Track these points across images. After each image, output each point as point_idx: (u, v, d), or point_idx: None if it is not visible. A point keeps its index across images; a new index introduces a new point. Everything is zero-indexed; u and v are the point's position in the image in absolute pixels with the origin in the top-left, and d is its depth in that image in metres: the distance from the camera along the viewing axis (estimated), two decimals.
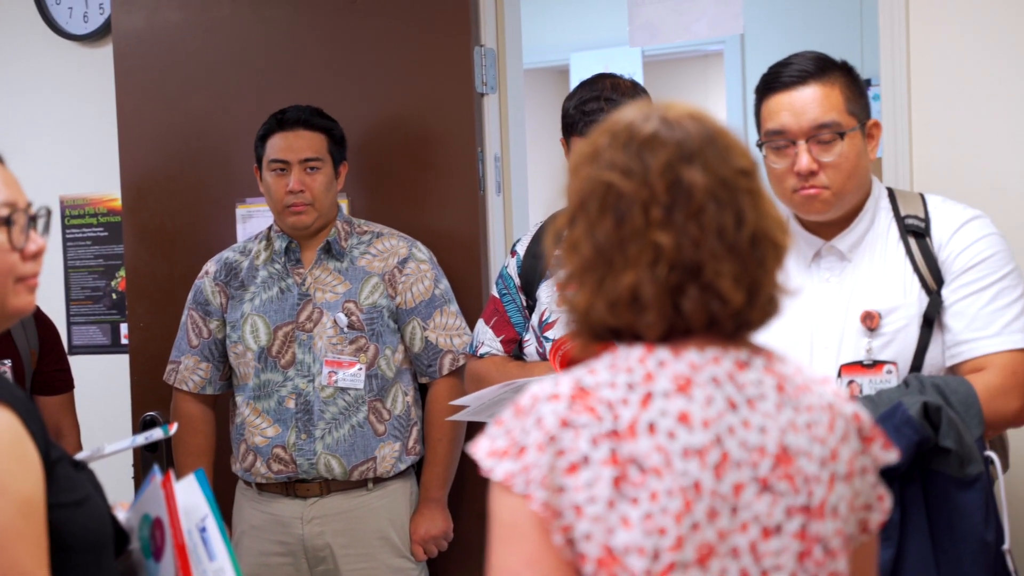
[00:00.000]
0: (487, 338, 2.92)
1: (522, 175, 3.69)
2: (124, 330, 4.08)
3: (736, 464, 1.42)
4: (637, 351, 1.45)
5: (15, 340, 3.26)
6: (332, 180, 3.28)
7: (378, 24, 3.56)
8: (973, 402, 2.20)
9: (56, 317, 3.63)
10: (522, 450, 1.41)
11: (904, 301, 2.35)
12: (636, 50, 6.02)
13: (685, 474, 1.40)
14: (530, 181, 3.82)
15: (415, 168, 3.53)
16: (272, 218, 3.35)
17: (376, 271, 3.26)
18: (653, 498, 1.39)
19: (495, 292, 2.96)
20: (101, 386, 4.01)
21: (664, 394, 1.42)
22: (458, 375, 3.23)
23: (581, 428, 1.40)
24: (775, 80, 2.42)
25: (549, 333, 2.81)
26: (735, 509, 1.42)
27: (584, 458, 1.40)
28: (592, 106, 2.73)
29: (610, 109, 2.69)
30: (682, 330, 1.45)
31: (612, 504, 1.39)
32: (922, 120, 2.93)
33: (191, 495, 1.96)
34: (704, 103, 6.88)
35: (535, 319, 2.85)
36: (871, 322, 2.35)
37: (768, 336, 2.33)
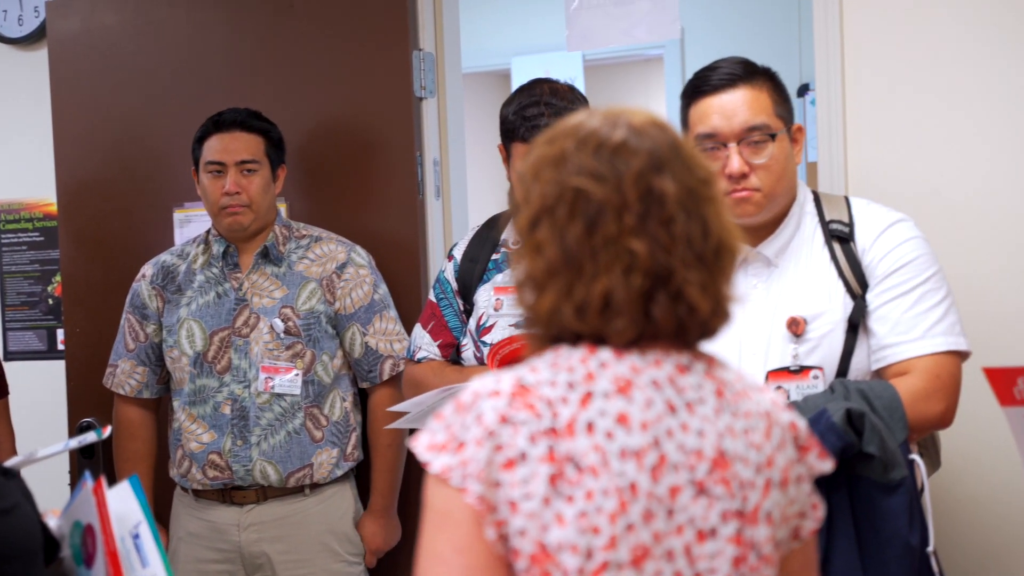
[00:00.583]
0: (424, 343, 2.92)
1: (461, 179, 3.69)
2: (60, 336, 4.04)
3: (673, 467, 1.44)
4: (579, 351, 1.47)
5: None
6: (269, 183, 3.27)
7: (316, 28, 3.55)
8: (897, 406, 2.22)
9: None
10: (461, 445, 1.42)
11: (829, 306, 2.37)
12: (577, 54, 6.06)
13: (622, 475, 1.41)
14: (470, 185, 3.83)
15: (354, 172, 3.53)
16: (210, 222, 3.34)
17: (314, 276, 3.25)
18: (588, 497, 1.40)
19: (432, 296, 2.95)
20: (37, 392, 3.98)
21: (604, 394, 1.44)
22: (398, 380, 3.23)
23: (520, 425, 1.42)
24: (704, 84, 2.44)
25: (487, 337, 2.81)
26: (671, 511, 1.43)
27: (522, 454, 1.41)
28: (532, 111, 2.73)
29: (550, 114, 2.70)
30: (650, 336, 1.47)
31: (547, 501, 1.40)
32: (857, 124, 2.96)
33: (124, 501, 1.96)
34: (645, 107, 6.90)
35: (473, 323, 2.85)
36: (797, 328, 2.37)
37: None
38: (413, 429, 2.88)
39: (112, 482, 1.96)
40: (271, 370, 3.18)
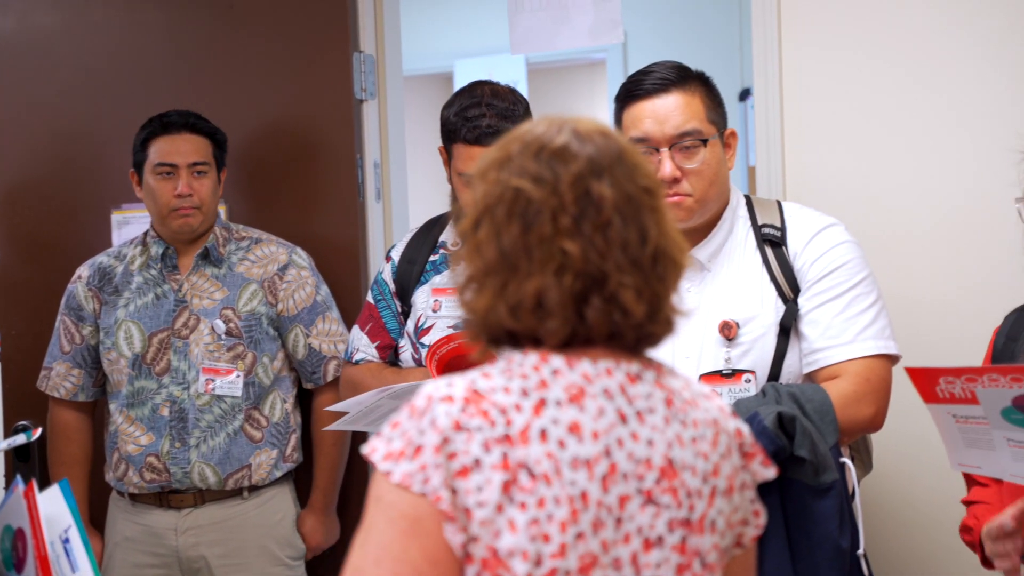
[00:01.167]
0: (362, 344, 2.92)
1: (402, 181, 3.69)
2: None
3: (623, 476, 1.45)
4: (532, 358, 1.48)
5: None
6: (217, 185, 3.27)
7: (255, 29, 3.54)
8: (828, 410, 2.24)
9: None
10: (418, 450, 1.42)
11: (761, 310, 2.40)
12: (520, 57, 6.07)
13: (573, 483, 1.42)
14: (412, 187, 3.83)
15: (294, 174, 3.52)
16: (148, 224, 3.32)
17: (255, 278, 3.25)
18: (540, 504, 1.41)
19: (370, 298, 2.95)
20: None
21: (557, 402, 1.45)
22: None
23: (474, 432, 1.42)
24: (637, 88, 2.45)
25: (425, 339, 2.81)
26: (619, 520, 1.44)
27: (476, 461, 1.41)
28: (474, 112, 2.73)
29: (492, 114, 2.70)
30: (583, 339, 1.48)
31: (500, 508, 1.41)
32: (794, 129, 2.99)
33: (55, 505, 1.95)
34: (589, 111, 6.94)
35: (411, 325, 2.85)
36: (729, 332, 2.39)
37: None
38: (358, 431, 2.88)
39: (47, 487, 1.95)
40: (212, 372, 3.17)
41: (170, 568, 3.21)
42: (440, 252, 2.86)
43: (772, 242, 2.44)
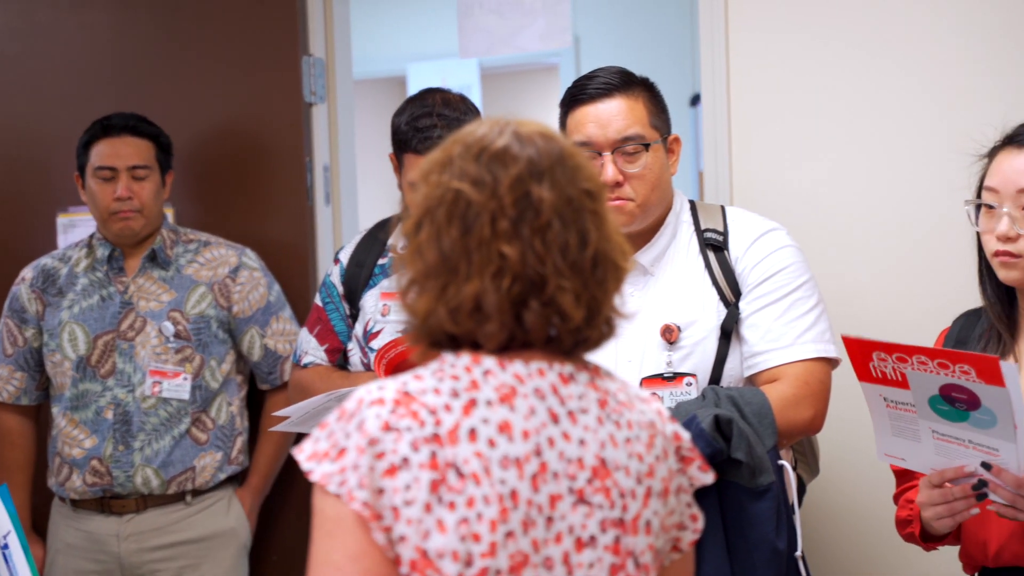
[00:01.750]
0: (311, 347, 2.91)
1: (352, 185, 3.69)
2: None
3: (554, 475, 1.45)
4: (464, 359, 1.48)
5: None
6: (160, 188, 3.25)
7: (204, 32, 3.53)
8: (767, 413, 2.26)
9: None
10: (342, 452, 1.43)
11: (703, 314, 2.41)
12: (473, 61, 6.07)
13: (503, 482, 1.43)
14: (365, 191, 3.83)
15: (243, 177, 3.51)
16: (94, 226, 3.31)
17: (204, 280, 3.23)
18: (470, 504, 1.42)
19: (318, 300, 2.94)
20: None
21: (487, 403, 1.45)
22: None
23: (403, 432, 1.43)
24: (581, 93, 2.46)
25: (374, 343, 2.80)
26: (550, 520, 1.45)
27: (404, 460, 1.42)
28: (425, 122, 2.72)
29: (443, 124, 2.69)
30: (521, 342, 1.48)
31: (429, 508, 1.42)
32: (742, 135, 3.02)
33: None
34: (542, 115, 6.94)
35: (359, 329, 2.84)
36: (671, 335, 2.40)
37: None
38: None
39: None
40: (159, 374, 3.16)
41: (112, 575, 3.19)
42: (389, 255, 2.86)
43: (714, 246, 2.46)
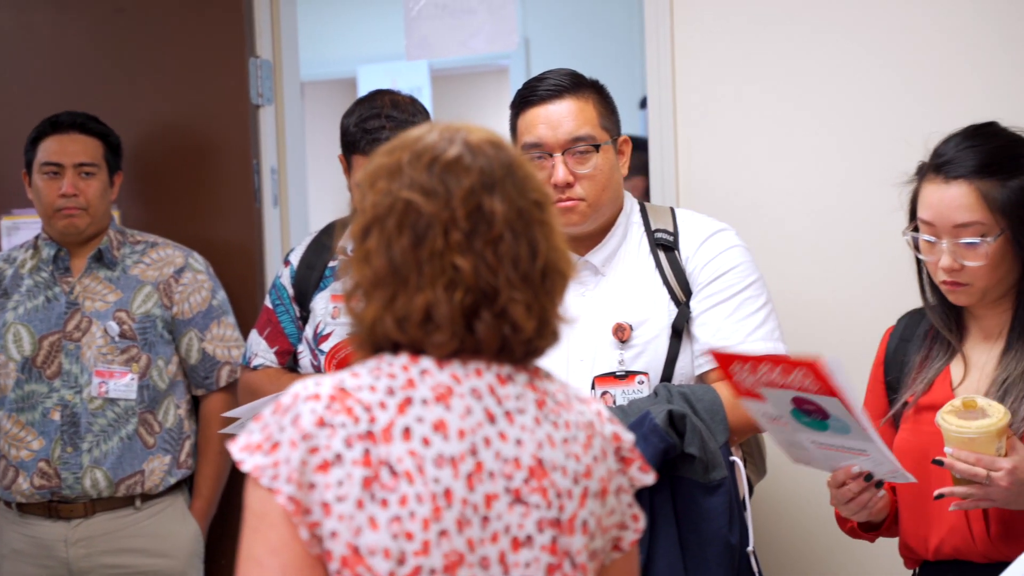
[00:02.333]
0: (261, 349, 2.90)
1: (301, 187, 3.68)
2: None
3: (489, 474, 1.45)
4: (402, 358, 1.48)
5: None
6: (107, 187, 3.23)
7: (149, 32, 3.52)
8: (718, 409, 2.28)
9: None
10: (275, 446, 1.43)
11: (654, 313, 2.43)
12: (423, 63, 6.07)
13: (437, 481, 1.43)
14: (315, 193, 3.82)
15: (189, 179, 3.50)
16: (39, 228, 3.28)
17: (150, 280, 3.22)
18: (402, 502, 1.42)
19: (268, 302, 2.94)
20: None
21: (423, 401, 1.45)
22: (235, 387, 3.20)
23: (337, 428, 1.43)
24: (531, 94, 2.48)
25: (324, 345, 2.80)
26: (486, 519, 1.45)
27: (337, 457, 1.42)
28: (373, 124, 2.73)
29: (392, 126, 2.70)
30: (471, 351, 1.48)
31: (361, 504, 1.41)
32: (687, 138, 3.04)
33: None
34: (493, 117, 6.95)
35: (309, 331, 2.84)
36: (622, 334, 2.42)
37: None
38: None
39: None
40: (105, 374, 3.13)
41: None
42: (339, 258, 2.85)
43: (665, 246, 2.48)
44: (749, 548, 2.26)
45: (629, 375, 2.40)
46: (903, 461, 2.12)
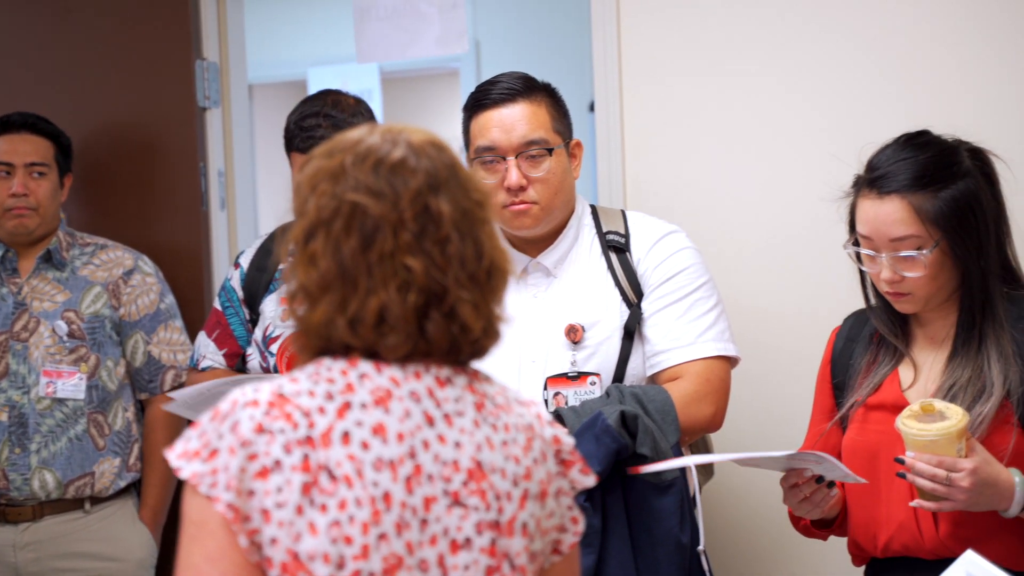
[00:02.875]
0: (209, 351, 2.89)
1: (249, 190, 3.66)
2: None
3: (428, 477, 1.45)
4: (341, 363, 1.47)
5: None
6: (57, 188, 3.21)
7: (95, 34, 3.50)
8: (670, 409, 2.30)
9: None
10: (213, 453, 1.42)
11: (606, 314, 2.44)
12: (374, 66, 6.06)
13: (376, 485, 1.43)
14: (266, 195, 3.80)
15: (136, 181, 3.48)
16: None
17: (99, 281, 3.19)
18: (342, 506, 1.41)
19: (218, 304, 2.93)
20: None
21: (362, 405, 1.45)
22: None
23: (276, 434, 1.42)
24: (484, 98, 2.48)
25: (273, 347, 2.79)
26: (425, 522, 1.45)
27: (276, 463, 1.41)
28: (311, 122, 2.74)
29: (328, 125, 2.70)
30: (423, 353, 1.48)
31: (300, 510, 1.41)
32: (634, 141, 3.05)
33: None
34: (444, 120, 6.94)
35: (259, 333, 2.83)
36: (575, 335, 2.43)
37: None
38: None
39: None
40: (53, 374, 3.10)
41: None
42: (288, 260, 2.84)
43: (616, 248, 2.49)
44: (700, 547, 2.26)
45: (581, 376, 2.41)
46: (852, 460, 2.13)
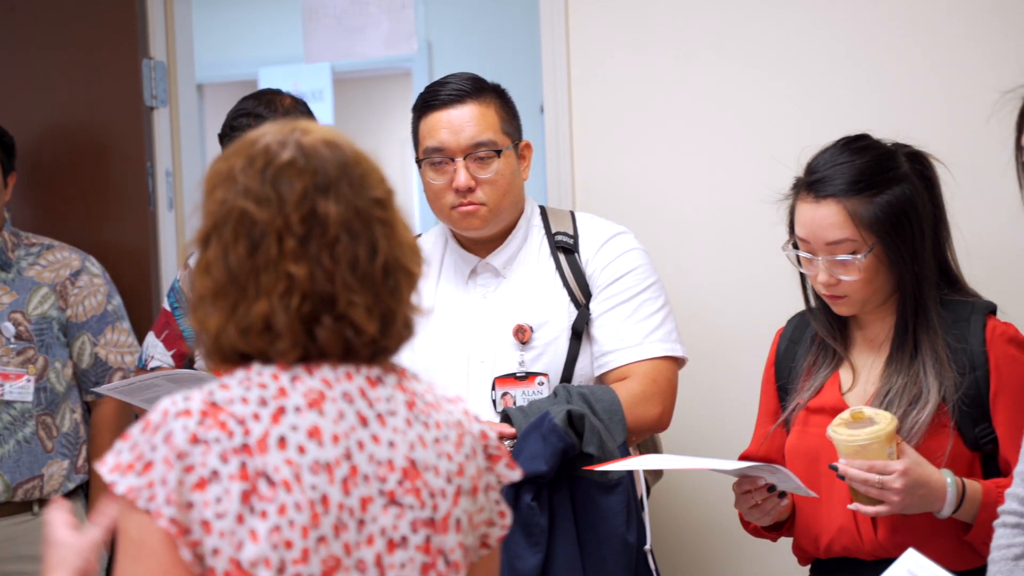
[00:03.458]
0: (158, 352, 2.88)
1: (197, 190, 3.63)
2: None
3: (364, 478, 1.45)
4: (272, 367, 1.47)
5: None
6: (1, 188, 3.17)
7: (39, 32, 3.47)
8: (617, 409, 2.31)
9: None
10: (148, 465, 1.41)
11: (554, 315, 2.45)
12: (326, 66, 6.04)
13: (314, 488, 1.42)
14: None
15: (82, 181, 3.46)
16: None
17: (46, 282, 3.16)
18: (281, 511, 1.41)
19: (166, 305, 2.92)
20: None
21: (296, 409, 1.44)
22: None
23: (211, 444, 1.41)
24: (433, 99, 2.48)
25: None
26: (362, 522, 1.45)
27: (213, 473, 1.40)
28: (240, 121, 2.75)
29: (257, 125, 2.68)
30: (317, 356, 1.48)
31: (241, 518, 1.40)
32: (584, 142, 3.06)
33: None
34: (397, 121, 6.93)
35: None
36: (523, 335, 2.44)
37: (427, 355, 2.38)
38: None
39: None
40: (0, 376, 3.07)
41: None
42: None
43: (565, 249, 2.50)
44: (646, 547, 2.28)
45: (529, 376, 2.42)
46: (793, 464, 2.16)
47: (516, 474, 1.58)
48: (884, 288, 2.18)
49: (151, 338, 2.91)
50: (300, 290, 1.44)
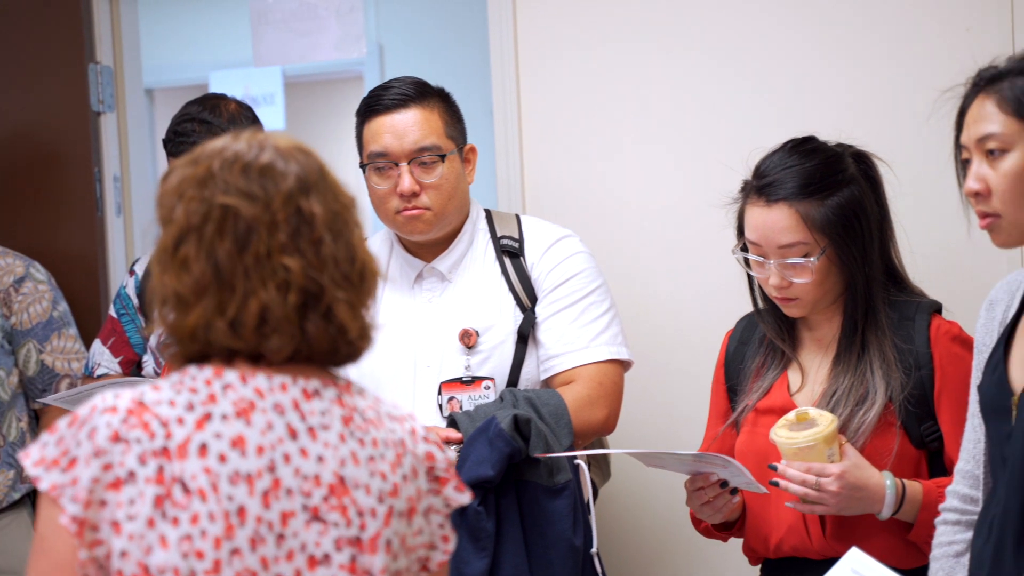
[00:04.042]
0: (104, 359, 2.87)
1: (146, 196, 3.61)
2: None
3: (287, 492, 1.44)
4: (206, 372, 1.46)
5: None
6: None
7: None
8: (563, 413, 2.31)
9: None
10: (72, 462, 1.40)
11: (500, 319, 2.46)
12: (277, 70, 6.01)
13: (231, 499, 1.41)
14: None
15: (27, 187, 3.43)
16: None
17: None
18: (194, 520, 1.40)
19: (113, 312, 2.90)
20: None
21: (223, 416, 1.44)
22: None
23: (132, 443, 1.40)
24: (376, 103, 2.48)
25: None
26: (282, 537, 1.43)
27: (130, 474, 1.40)
28: (185, 126, 2.73)
29: (202, 131, 2.68)
30: (304, 355, 1.47)
31: (152, 523, 1.40)
32: (532, 145, 3.06)
33: None
34: (350, 124, 6.89)
35: (154, 340, 2.81)
36: (469, 340, 2.44)
37: (373, 360, 2.38)
38: None
39: None
40: None
41: None
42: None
43: (510, 253, 2.51)
44: (593, 550, 2.28)
45: (475, 380, 2.42)
46: (744, 463, 2.16)
47: (466, 497, 1.57)
48: (834, 289, 2.19)
49: (97, 345, 2.89)
50: (295, 283, 1.45)
